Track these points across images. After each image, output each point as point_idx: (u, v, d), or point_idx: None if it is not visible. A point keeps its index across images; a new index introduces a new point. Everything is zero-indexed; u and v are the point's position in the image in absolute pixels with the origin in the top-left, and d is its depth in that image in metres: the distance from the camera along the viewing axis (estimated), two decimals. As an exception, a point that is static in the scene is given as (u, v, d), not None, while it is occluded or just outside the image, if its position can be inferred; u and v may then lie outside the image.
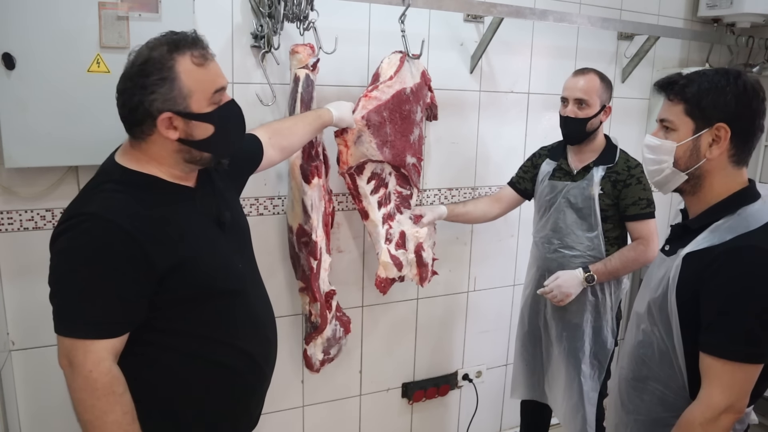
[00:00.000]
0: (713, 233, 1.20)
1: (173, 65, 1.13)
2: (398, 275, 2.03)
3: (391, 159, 1.92)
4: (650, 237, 1.94)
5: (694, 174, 1.25)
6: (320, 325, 1.87)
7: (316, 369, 1.96)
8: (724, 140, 1.20)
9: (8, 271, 1.67)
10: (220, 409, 1.29)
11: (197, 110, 1.16)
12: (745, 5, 2.50)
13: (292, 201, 1.83)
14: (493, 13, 2.07)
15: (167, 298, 1.18)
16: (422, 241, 2.06)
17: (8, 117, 1.49)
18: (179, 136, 1.17)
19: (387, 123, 1.88)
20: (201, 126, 1.17)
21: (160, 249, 1.14)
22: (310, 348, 1.92)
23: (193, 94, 1.15)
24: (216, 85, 1.18)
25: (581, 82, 1.94)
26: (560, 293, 1.95)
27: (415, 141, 2.02)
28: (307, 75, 1.74)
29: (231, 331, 1.27)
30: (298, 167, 1.77)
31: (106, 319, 1.12)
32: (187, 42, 1.16)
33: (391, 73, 1.87)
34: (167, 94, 1.13)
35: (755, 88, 1.20)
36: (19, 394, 1.74)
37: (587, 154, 2.01)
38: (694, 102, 1.22)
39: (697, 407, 1.18)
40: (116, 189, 1.16)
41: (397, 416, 2.43)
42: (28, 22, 1.46)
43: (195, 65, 1.15)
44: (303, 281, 1.89)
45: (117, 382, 1.12)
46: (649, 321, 1.29)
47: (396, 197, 2.03)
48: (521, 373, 2.25)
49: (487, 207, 2.21)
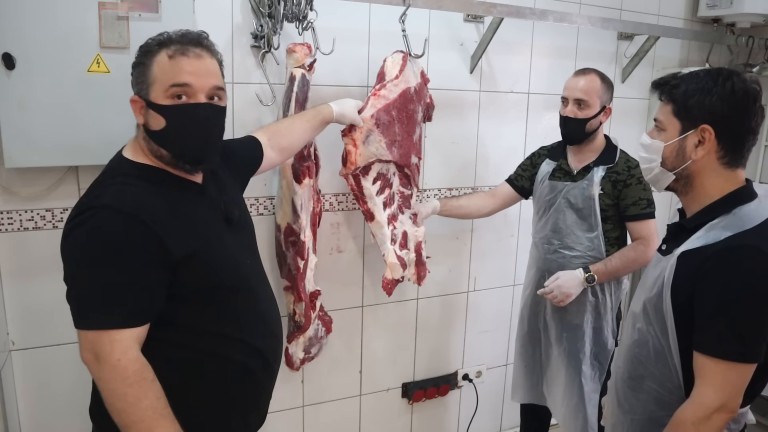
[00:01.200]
0: (708, 232, 1.20)
1: (152, 55, 1.17)
2: (402, 275, 2.04)
3: (398, 158, 1.92)
4: (650, 237, 1.94)
5: (681, 174, 1.26)
6: (304, 325, 1.87)
7: (296, 368, 1.94)
8: (708, 142, 1.20)
9: (8, 271, 1.68)
10: (232, 405, 1.29)
11: (154, 99, 1.16)
12: (745, 5, 2.50)
13: (281, 199, 1.82)
14: (493, 13, 2.07)
15: (178, 290, 1.18)
16: (421, 240, 2.06)
17: (8, 117, 1.50)
18: (142, 122, 1.20)
19: (395, 122, 1.87)
20: (155, 117, 1.17)
21: (173, 238, 1.15)
22: (292, 347, 1.91)
23: (155, 83, 1.16)
24: (175, 79, 1.15)
25: (581, 83, 1.94)
26: (560, 293, 1.95)
27: (417, 141, 2.02)
28: (303, 75, 1.74)
29: (241, 327, 1.28)
30: (289, 166, 1.77)
31: (129, 309, 1.12)
32: (178, 38, 1.18)
33: (396, 72, 1.87)
34: (138, 78, 1.18)
35: (746, 90, 1.19)
36: (19, 394, 1.74)
37: (587, 155, 2.01)
38: (680, 103, 1.23)
39: (689, 406, 1.18)
40: (126, 182, 1.17)
41: (397, 416, 2.43)
42: (28, 22, 1.47)
43: (167, 56, 1.16)
44: (288, 280, 1.88)
45: (146, 368, 1.12)
46: (645, 320, 1.30)
47: (399, 197, 2.03)
48: (521, 375, 2.24)
49: (482, 202, 2.20)
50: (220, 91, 1.22)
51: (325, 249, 2.08)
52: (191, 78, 1.16)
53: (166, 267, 1.15)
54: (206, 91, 1.19)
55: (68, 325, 1.74)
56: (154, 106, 1.17)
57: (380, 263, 2.05)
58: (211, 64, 1.21)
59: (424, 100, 2.03)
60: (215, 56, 1.24)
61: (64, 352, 1.76)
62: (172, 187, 1.22)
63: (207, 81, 1.18)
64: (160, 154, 1.21)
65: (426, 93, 2.04)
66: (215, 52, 1.24)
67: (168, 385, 1.16)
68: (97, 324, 1.10)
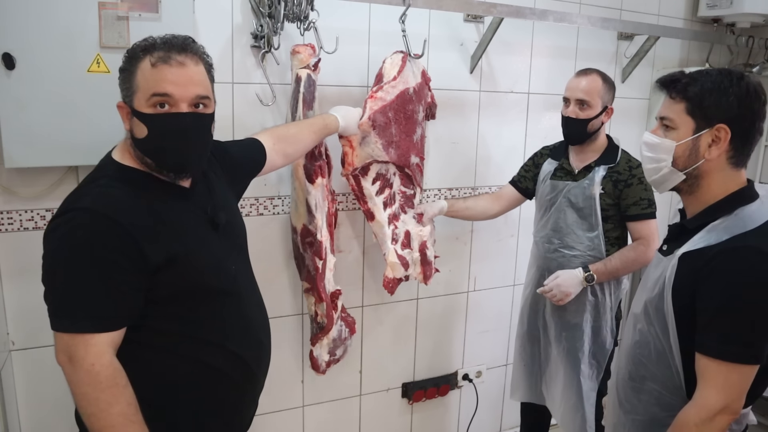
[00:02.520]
0: (710, 233, 1.20)
1: (136, 61, 1.16)
2: (405, 275, 2.04)
3: (396, 159, 1.92)
4: (651, 237, 1.94)
5: (692, 174, 1.25)
6: (326, 326, 1.87)
7: (322, 370, 1.94)
8: (723, 141, 1.20)
9: (8, 271, 1.67)
10: (209, 410, 1.29)
11: (137, 107, 1.16)
12: (745, 5, 2.50)
13: (295, 201, 1.82)
14: (493, 13, 2.07)
15: (158, 294, 1.17)
16: (426, 239, 2.07)
17: (8, 117, 1.49)
18: (128, 128, 1.20)
19: (392, 123, 1.88)
20: (138, 125, 1.17)
21: (153, 243, 1.14)
22: (317, 349, 1.91)
23: (138, 91, 1.16)
24: (156, 88, 1.14)
25: (583, 83, 1.94)
26: (560, 292, 1.95)
27: (418, 140, 2.02)
28: (308, 75, 1.74)
29: (221, 332, 1.27)
30: (301, 167, 1.77)
31: (105, 313, 1.11)
32: (162, 43, 1.16)
33: (395, 74, 1.87)
34: (123, 85, 1.18)
35: (757, 90, 1.19)
36: (19, 394, 1.74)
37: (589, 154, 2.01)
38: (696, 101, 1.21)
39: (692, 407, 1.18)
40: (110, 184, 1.17)
41: (397, 416, 2.43)
42: (28, 22, 1.46)
43: (150, 64, 1.15)
44: (308, 282, 1.88)
45: (119, 374, 1.12)
46: (646, 321, 1.29)
47: (400, 197, 2.03)
48: (521, 374, 2.25)
49: (488, 204, 2.21)
50: (205, 99, 1.20)
51: (325, 249, 2.08)
52: (172, 87, 1.15)
53: (143, 271, 1.14)
54: (188, 100, 1.17)
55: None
56: (137, 114, 1.16)
57: (381, 263, 2.05)
58: (195, 72, 1.18)
59: (425, 100, 2.03)
60: (202, 61, 1.21)
61: (64, 353, 1.76)
62: (156, 191, 1.21)
63: (189, 90, 1.16)
64: (144, 161, 1.21)
65: (427, 92, 2.04)
66: (203, 55, 1.22)
67: (143, 386, 1.16)
68: (73, 327, 1.10)
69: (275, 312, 2.05)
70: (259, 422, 2.11)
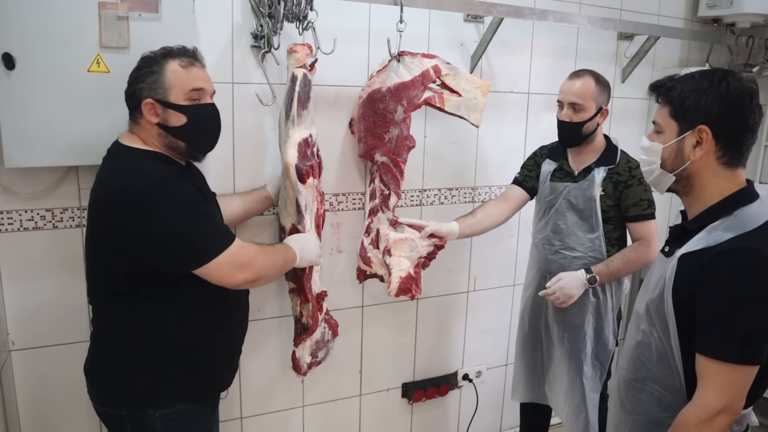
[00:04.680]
0: (709, 234, 1.20)
1: (162, 64, 1.39)
2: (370, 271, 2.04)
3: (361, 153, 2.01)
4: (651, 238, 1.94)
5: (681, 175, 1.26)
6: (311, 327, 1.85)
7: (303, 372, 1.90)
8: (706, 142, 1.21)
9: (8, 271, 1.67)
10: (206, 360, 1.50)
11: (174, 101, 1.39)
12: (745, 5, 2.50)
13: (285, 201, 1.81)
14: (493, 13, 2.07)
15: None
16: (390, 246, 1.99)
17: (8, 117, 1.50)
18: (158, 121, 1.39)
19: (360, 120, 1.96)
20: (175, 115, 1.39)
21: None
22: (299, 350, 1.89)
23: (173, 88, 1.38)
24: (193, 84, 1.41)
25: (576, 86, 1.92)
26: (563, 295, 1.94)
27: (392, 140, 1.94)
28: (304, 74, 1.73)
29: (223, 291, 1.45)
30: (293, 167, 1.75)
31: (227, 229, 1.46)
32: (180, 51, 1.42)
33: (374, 73, 1.93)
34: (152, 84, 1.38)
35: (741, 89, 1.19)
36: (19, 394, 1.74)
37: (588, 155, 2.01)
38: (677, 104, 1.23)
39: (692, 408, 1.18)
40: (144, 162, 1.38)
41: (397, 416, 2.43)
42: (28, 22, 1.47)
43: (180, 66, 1.39)
44: (294, 282, 1.87)
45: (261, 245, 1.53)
46: (648, 322, 1.30)
47: (379, 195, 2.02)
48: (521, 375, 2.25)
49: (497, 210, 2.12)
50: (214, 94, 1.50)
51: (325, 249, 2.07)
52: (203, 84, 1.44)
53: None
54: (210, 93, 1.47)
55: (68, 325, 1.76)
56: (173, 106, 1.38)
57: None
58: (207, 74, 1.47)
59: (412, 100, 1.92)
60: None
61: (64, 352, 1.76)
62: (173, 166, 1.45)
63: (211, 86, 1.47)
64: (175, 146, 1.43)
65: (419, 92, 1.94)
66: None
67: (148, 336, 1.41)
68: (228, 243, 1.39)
69: (275, 312, 2.05)
70: (259, 422, 2.12)
